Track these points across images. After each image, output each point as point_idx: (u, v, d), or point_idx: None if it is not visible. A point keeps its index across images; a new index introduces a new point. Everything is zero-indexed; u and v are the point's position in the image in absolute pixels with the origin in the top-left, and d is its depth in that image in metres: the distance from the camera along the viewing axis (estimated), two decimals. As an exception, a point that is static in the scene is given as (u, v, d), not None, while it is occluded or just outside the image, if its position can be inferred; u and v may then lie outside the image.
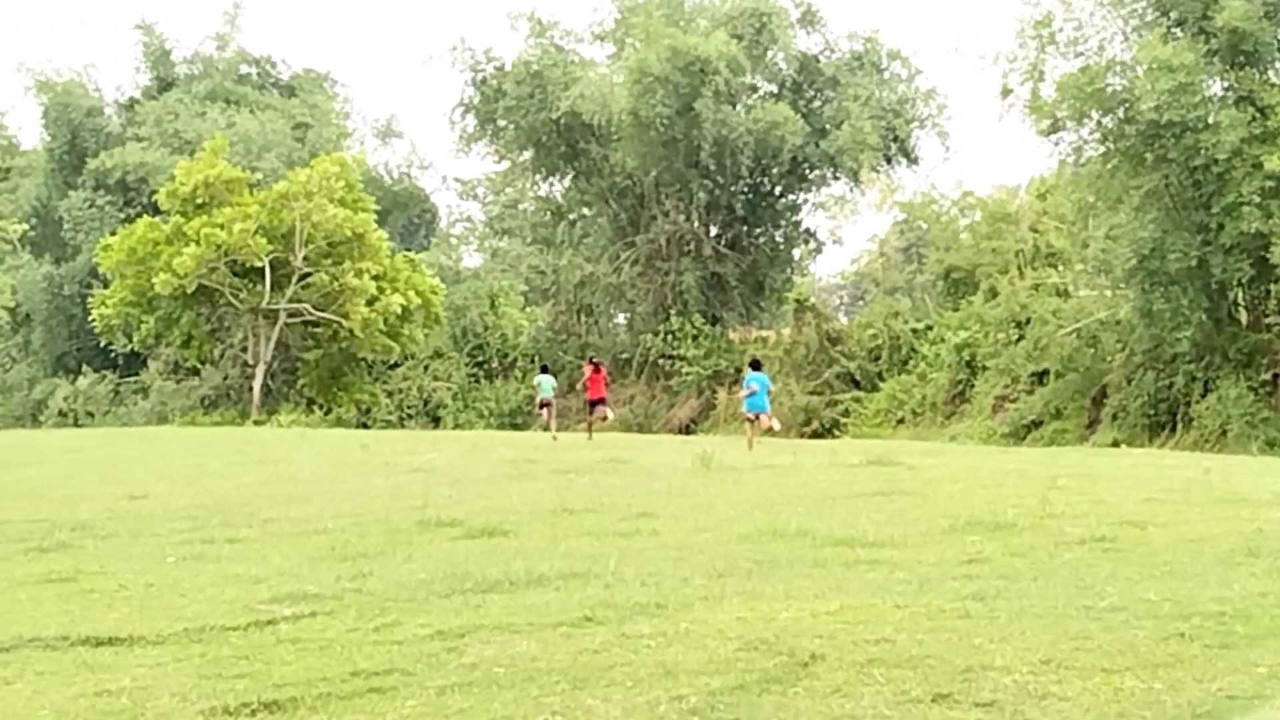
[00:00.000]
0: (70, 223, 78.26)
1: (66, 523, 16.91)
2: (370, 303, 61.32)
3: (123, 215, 74.01)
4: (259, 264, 61.30)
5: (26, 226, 76.48)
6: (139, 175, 75.40)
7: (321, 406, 64.94)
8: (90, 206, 77.41)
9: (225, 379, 69.38)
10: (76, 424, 71.36)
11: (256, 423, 59.95)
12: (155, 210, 67.39)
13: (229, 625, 10.05)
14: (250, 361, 65.39)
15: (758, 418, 32.18)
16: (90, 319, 68.33)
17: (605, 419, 41.96)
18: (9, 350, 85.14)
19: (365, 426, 60.86)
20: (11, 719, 7.67)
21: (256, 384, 64.26)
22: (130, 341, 68.62)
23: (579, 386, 47.18)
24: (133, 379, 74.79)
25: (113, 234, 66.38)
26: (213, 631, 9.87)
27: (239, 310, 64.05)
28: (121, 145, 78.15)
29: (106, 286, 67.78)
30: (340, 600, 10.98)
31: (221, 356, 68.65)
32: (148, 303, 64.07)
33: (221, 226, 60.03)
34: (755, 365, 33.77)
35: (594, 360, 43.73)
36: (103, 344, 72.70)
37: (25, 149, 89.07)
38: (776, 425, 32.46)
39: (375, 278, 61.79)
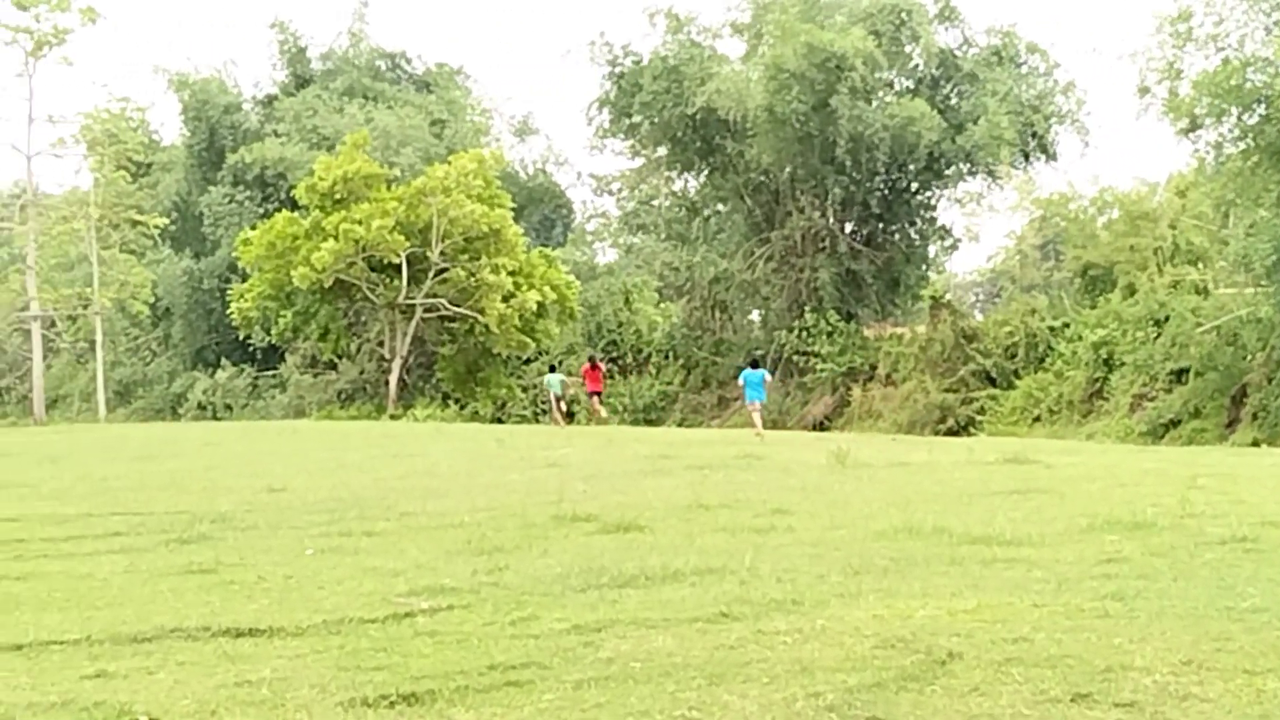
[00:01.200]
0: (210, 218, 79.38)
1: (207, 515, 17.18)
2: (506, 298, 61.55)
3: (261, 210, 74.94)
4: (396, 259, 61.73)
5: (167, 221, 77.61)
6: (277, 170, 76.33)
7: (457, 401, 65.37)
8: (229, 202, 78.44)
9: (362, 373, 70.04)
10: (215, 417, 72.43)
11: (393, 417, 60.44)
12: (293, 205, 68.13)
13: (367, 618, 10.15)
14: (387, 356, 65.96)
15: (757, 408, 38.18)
16: (229, 313, 69.27)
17: (598, 411, 50.89)
18: (149, 344, 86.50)
19: (500, 421, 61.24)
20: (154, 708, 7.79)
21: (393, 378, 64.79)
22: (268, 335, 69.47)
23: (579, 381, 52.89)
24: (270, 373, 75.74)
25: (252, 228, 67.21)
26: (351, 624, 9.97)
27: (376, 305, 64.59)
28: (260, 141, 79.18)
29: (245, 281, 68.63)
30: (477, 594, 11.05)
31: (358, 351, 69.28)
32: (286, 297, 64.77)
33: (360, 222, 60.46)
34: (754, 364, 39.57)
35: (592, 358, 52.62)
36: (241, 338, 73.71)
37: (166, 145, 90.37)
38: (758, 421, 37.03)
39: (511, 273, 62.00)
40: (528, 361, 69.08)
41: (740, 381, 39.88)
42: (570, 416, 53.06)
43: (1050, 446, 31.13)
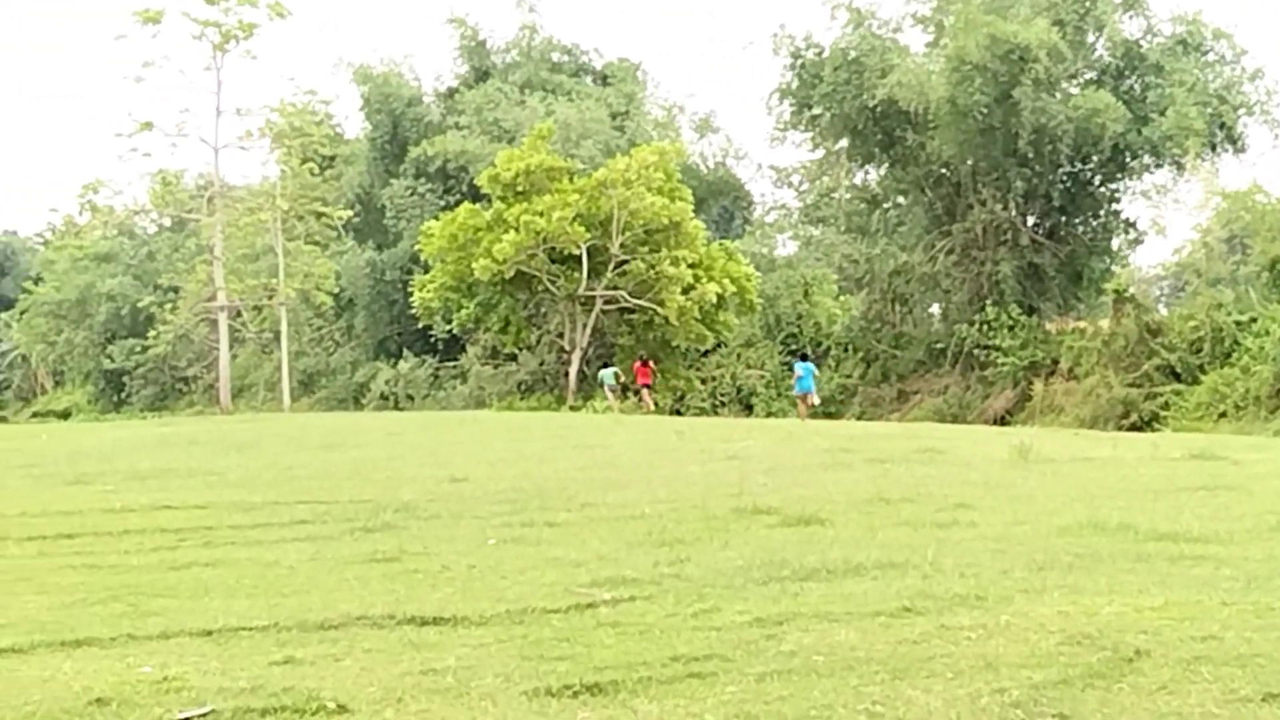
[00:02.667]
0: (392, 210, 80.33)
1: (391, 504, 17.40)
2: (686, 291, 61.54)
3: (442, 203, 75.67)
4: (576, 251, 61.98)
5: (351, 213, 78.66)
6: (458, 163, 77.00)
7: (636, 393, 65.57)
8: (411, 194, 79.31)
9: (542, 364, 70.47)
10: (397, 406, 73.28)
11: (572, 408, 60.75)
12: (474, 198, 68.68)
13: (549, 608, 10.23)
14: (566, 347, 66.30)
15: (805, 397, 46.51)
16: (411, 304, 70.08)
17: (646, 402, 56.93)
18: (333, 334, 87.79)
19: (678, 413, 61.22)
20: (341, 695, 7.91)
21: (572, 370, 65.12)
22: (449, 326, 70.15)
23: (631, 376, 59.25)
24: (451, 364, 76.47)
25: (434, 220, 67.91)
26: (534, 613, 10.06)
27: (556, 297, 64.93)
28: (441, 134, 79.92)
29: (427, 272, 69.36)
30: (659, 585, 11.09)
31: (538, 342, 69.70)
32: (467, 288, 65.32)
33: (541, 214, 60.75)
34: (804, 357, 48.84)
35: (642, 357, 59.72)
36: (423, 329, 74.55)
37: (349, 138, 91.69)
38: (816, 400, 45.59)
39: (691, 266, 61.96)
40: (706, 354, 69.05)
41: (797, 372, 48.18)
42: (627, 395, 59.66)
43: (1237, 443, 30.50)
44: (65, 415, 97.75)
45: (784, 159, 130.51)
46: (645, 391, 58.35)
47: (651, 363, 59.85)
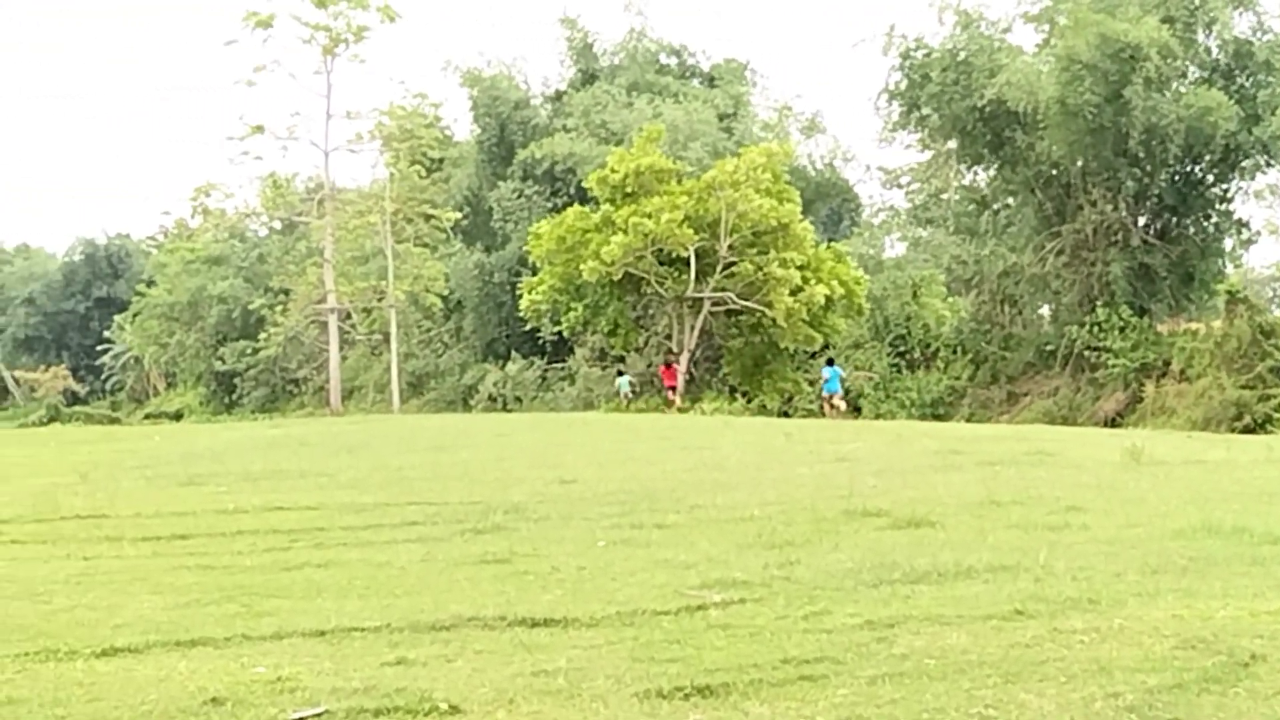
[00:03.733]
0: (499, 212, 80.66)
1: (500, 505, 17.47)
2: (794, 293, 61.31)
3: (549, 205, 75.92)
4: (684, 253, 61.94)
5: (459, 215, 79.06)
6: (566, 165, 77.25)
7: (744, 394, 65.45)
8: (518, 196, 79.63)
9: (650, 366, 70.53)
10: (505, 408, 73.61)
11: (681, 410, 60.74)
12: (581, 200, 68.87)
13: (660, 610, 10.25)
14: (674, 349, 66.30)
15: (831, 398, 51.69)
16: (519, 306, 70.39)
17: (671, 401, 60.51)
18: (442, 336, 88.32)
19: (787, 415, 61.13)
20: (453, 696, 7.97)
21: (680, 372, 65.14)
22: (557, 328, 70.39)
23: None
24: (559, 365, 76.75)
25: (542, 222, 68.19)
26: (644, 615, 10.08)
27: (664, 299, 64.92)
28: (549, 136, 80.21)
29: (535, 274, 69.62)
30: (769, 587, 11.09)
31: (646, 344, 69.76)
32: (575, 290, 65.46)
33: (649, 215, 60.75)
34: (829, 361, 54.77)
35: (667, 360, 64.09)
36: (531, 331, 74.82)
37: (458, 141, 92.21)
38: (842, 406, 50.62)
39: (799, 268, 61.69)
40: (814, 356, 68.87)
41: (824, 375, 53.73)
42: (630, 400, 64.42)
43: (1355, 446, 30.04)
44: (178, 416, 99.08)
45: (892, 160, 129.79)
46: (670, 391, 62.02)
47: (676, 365, 63.00)
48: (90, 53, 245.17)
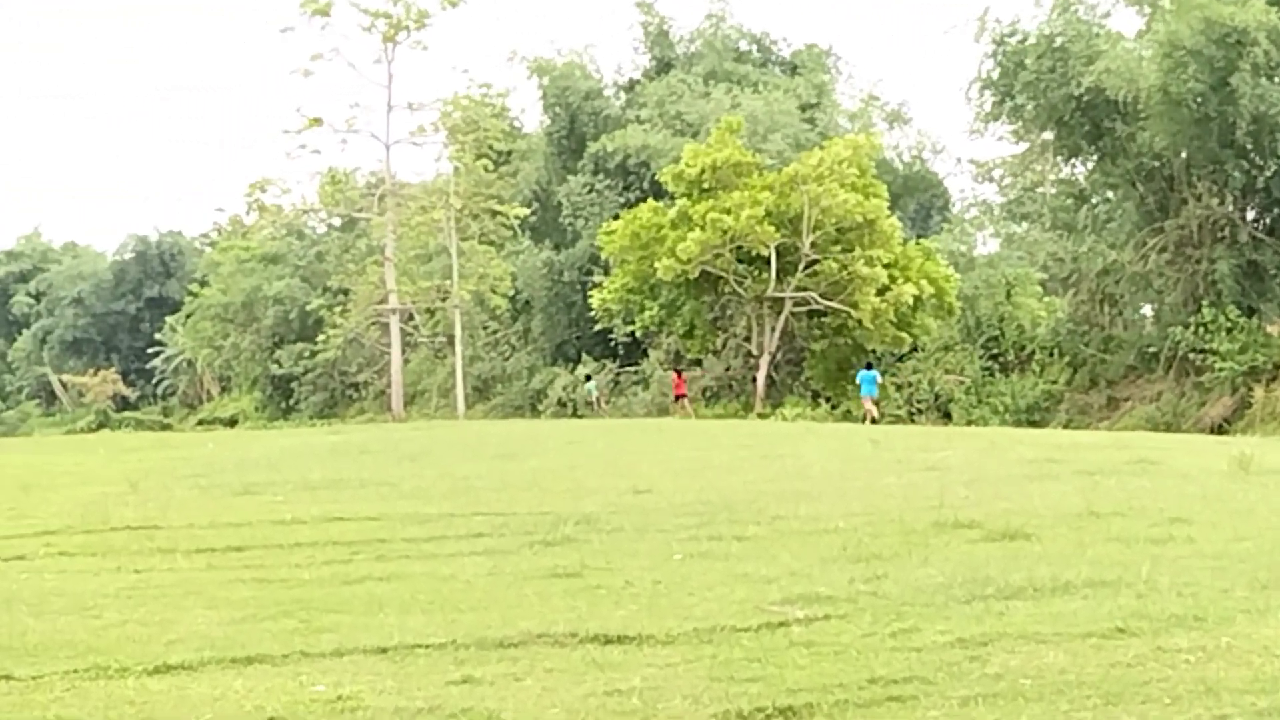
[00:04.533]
0: (569, 207, 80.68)
1: (571, 516, 17.50)
2: (881, 292, 61.21)
3: (622, 200, 75.91)
4: (765, 251, 61.91)
5: (527, 211, 78.99)
6: (640, 159, 77.22)
7: (828, 399, 65.35)
8: (589, 191, 79.61)
9: (728, 369, 70.53)
10: (575, 414, 73.72)
11: (760, 416, 60.74)
12: (655, 194, 68.94)
13: (739, 626, 10.26)
14: (754, 352, 66.26)
15: (874, 402, 54.23)
16: (590, 307, 70.46)
17: (685, 409, 62.99)
18: (509, 338, 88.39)
19: (873, 421, 60.96)
20: (521, 716, 8.00)
21: (760, 375, 65.07)
22: (631, 330, 70.43)
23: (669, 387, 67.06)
24: (633, 369, 76.73)
25: (614, 219, 68.22)
26: (723, 632, 10.09)
27: (743, 298, 64.92)
28: (622, 128, 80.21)
29: (607, 273, 69.72)
30: (854, 603, 11.08)
31: (724, 346, 69.74)
32: (649, 290, 65.54)
33: (728, 211, 60.76)
34: (868, 366, 56.70)
35: (677, 369, 67.66)
36: (602, 332, 74.88)
37: (526, 133, 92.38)
38: (874, 412, 53.31)
39: (886, 266, 61.59)
40: (901, 358, 68.69)
41: (859, 381, 55.59)
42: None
43: None
44: (232, 422, 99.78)
45: (984, 153, 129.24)
46: (684, 401, 64.51)
47: (684, 376, 66.41)
48: (145, 45, 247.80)
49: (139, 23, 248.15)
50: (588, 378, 69.81)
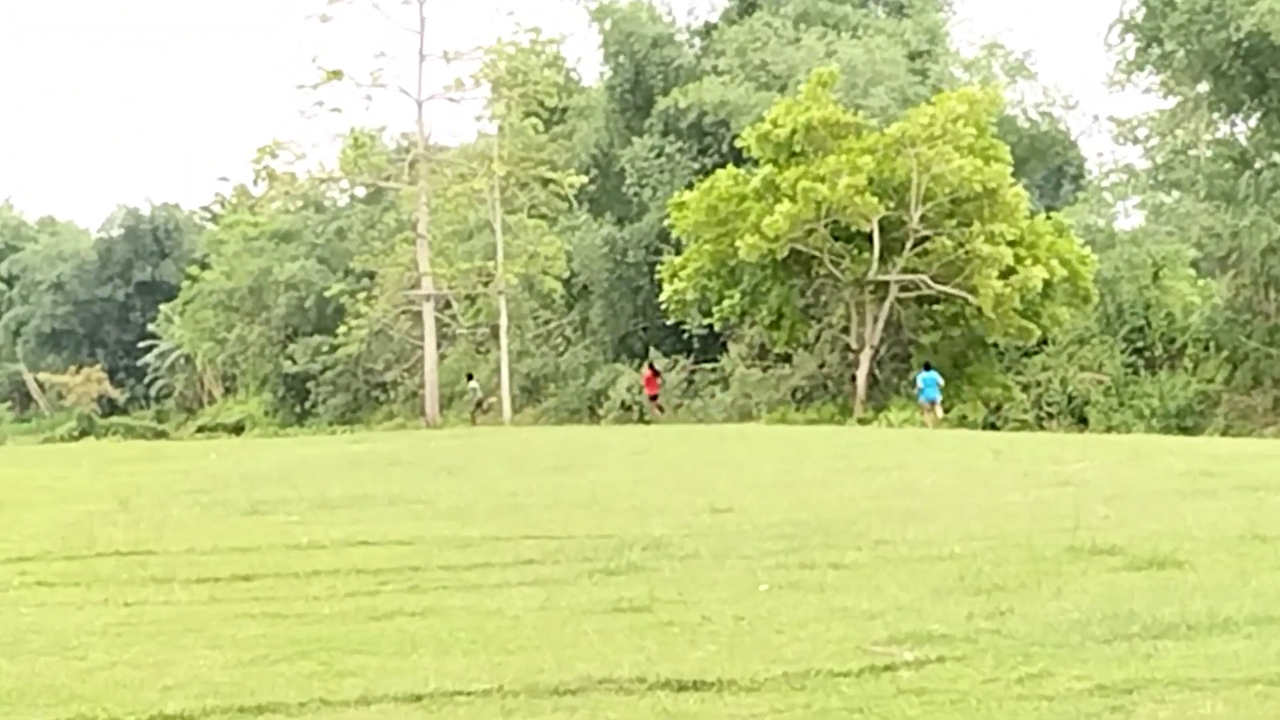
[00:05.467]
0: (634, 175, 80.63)
1: (638, 540, 17.55)
2: (1004, 274, 60.92)
3: (697, 165, 75.91)
4: (866, 226, 61.79)
5: (585, 179, 78.67)
6: (718, 117, 77.13)
7: (941, 402, 65.28)
8: (658, 155, 79.54)
9: (822, 366, 70.40)
10: (642, 419, 73.79)
11: (861, 421, 60.71)
12: (736, 159, 68.90)
13: (837, 670, 10.27)
14: (853, 345, 66.16)
15: (932, 406, 56.47)
16: (659, 292, 70.45)
17: (659, 411, 67.82)
18: (563, 329, 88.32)
19: (994, 427, 60.86)
20: (580, 774, 8.04)
21: (861, 373, 64.98)
22: (707, 320, 70.39)
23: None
24: (709, 365, 76.70)
25: (688, 188, 68.19)
26: (817, 677, 10.11)
27: (840, 282, 64.84)
28: (696, 80, 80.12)
29: (679, 252, 69.70)
30: (974, 643, 11.08)
31: (818, 339, 69.66)
32: (729, 273, 65.53)
33: (822, 179, 60.60)
34: (927, 366, 58.60)
35: (651, 365, 71.23)
36: (674, 323, 74.83)
37: (584, 86, 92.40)
38: (940, 413, 56.55)
39: (1010, 243, 61.26)
40: (1029, 353, 68.51)
41: (919, 384, 57.69)
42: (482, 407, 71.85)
43: None
44: (238, 429, 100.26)
45: (1127, 108, 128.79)
46: (653, 402, 68.98)
47: (661, 372, 70.25)
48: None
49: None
50: (469, 376, 72.53)
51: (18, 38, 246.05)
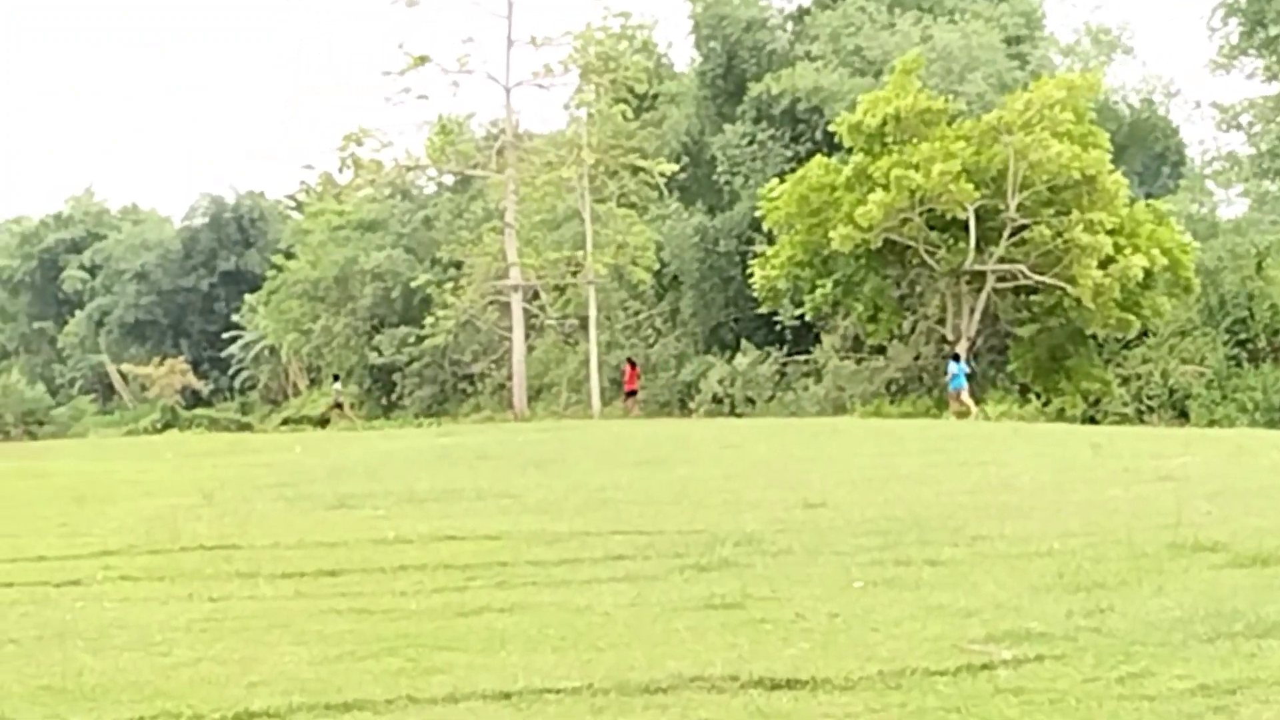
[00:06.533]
0: (726, 163, 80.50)
1: (729, 535, 17.56)
2: (1104, 264, 60.57)
3: (789, 153, 75.77)
4: (961, 215, 61.58)
5: (675, 167, 78.39)
6: (811, 104, 76.92)
7: (1038, 395, 64.88)
8: (750, 143, 79.40)
9: (917, 359, 70.13)
10: (734, 412, 73.61)
11: (957, 414, 60.47)
12: (829, 148, 68.75)
13: (933, 669, 10.25)
14: (949, 337, 65.94)
15: (958, 395, 57.77)
16: (750, 283, 70.34)
17: (633, 409, 69.99)
18: (653, 320, 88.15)
19: (1093, 421, 60.52)
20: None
21: (962, 367, 64.74)
22: (800, 311, 70.26)
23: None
24: (802, 357, 76.47)
25: (779, 177, 68.06)
26: (913, 676, 10.10)
27: (935, 273, 64.62)
28: (790, 66, 79.94)
29: (771, 242, 69.56)
30: (1073, 641, 11.04)
31: (913, 330, 69.43)
32: (822, 263, 65.40)
33: (917, 167, 60.42)
34: (954, 358, 59.27)
35: (630, 360, 73.27)
36: (766, 314, 74.70)
37: (675, 72, 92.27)
38: (970, 403, 57.21)
39: (1110, 232, 60.93)
40: (1129, 345, 68.08)
41: (951, 371, 58.94)
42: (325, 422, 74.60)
43: None
44: (323, 422, 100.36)
45: (1230, 94, 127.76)
46: (630, 399, 71.80)
47: (638, 366, 72.98)
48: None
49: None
50: (335, 377, 75.12)
51: (95, 24, 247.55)
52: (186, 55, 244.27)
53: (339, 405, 73.48)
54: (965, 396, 57.44)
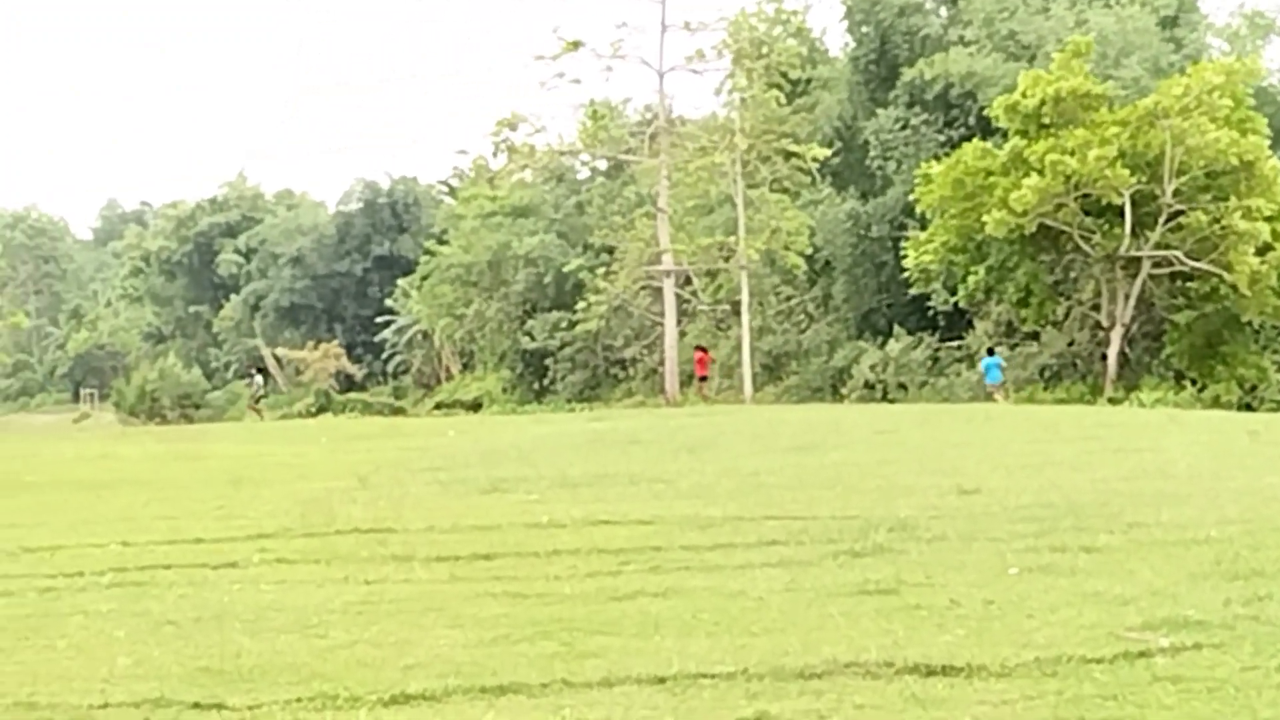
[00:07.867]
0: (878, 147, 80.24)
1: (883, 521, 17.51)
2: (1261, 251, 59.99)
3: (943, 138, 75.46)
4: (1117, 200, 61.10)
5: (828, 152, 78.13)
6: (964, 88, 76.53)
7: (1193, 381, 64.26)
8: (903, 128, 79.10)
9: (1071, 345, 69.62)
10: (886, 397, 73.34)
11: (1111, 400, 60.00)
12: (983, 132, 68.35)
13: (1090, 656, 10.19)
14: (1104, 323, 65.42)
15: (1000, 386, 60.32)
16: (903, 268, 70.07)
17: (704, 393, 71.84)
18: (805, 305, 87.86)
19: (1249, 408, 59.86)
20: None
21: (1112, 352, 64.24)
22: (953, 297, 69.93)
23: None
24: (955, 343, 76.07)
25: (932, 161, 67.74)
26: (1070, 663, 10.04)
27: (1090, 258, 64.15)
28: (943, 50, 79.51)
29: (924, 227, 69.28)
30: (1231, 630, 10.94)
31: (1067, 316, 68.92)
32: (976, 248, 65.08)
33: (1072, 152, 60.00)
34: (990, 351, 63.14)
35: (702, 346, 75.49)
36: (919, 299, 74.40)
37: (829, 57, 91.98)
38: (999, 397, 59.24)
39: (1268, 219, 60.32)
40: (1289, 333, 67.33)
41: (982, 369, 61.99)
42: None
43: None
44: (476, 406, 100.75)
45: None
46: (701, 384, 72.34)
47: (709, 351, 74.14)
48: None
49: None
50: (259, 370, 79.45)
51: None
52: (340, 39, 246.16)
53: (256, 399, 76.39)
54: (999, 394, 59.91)
